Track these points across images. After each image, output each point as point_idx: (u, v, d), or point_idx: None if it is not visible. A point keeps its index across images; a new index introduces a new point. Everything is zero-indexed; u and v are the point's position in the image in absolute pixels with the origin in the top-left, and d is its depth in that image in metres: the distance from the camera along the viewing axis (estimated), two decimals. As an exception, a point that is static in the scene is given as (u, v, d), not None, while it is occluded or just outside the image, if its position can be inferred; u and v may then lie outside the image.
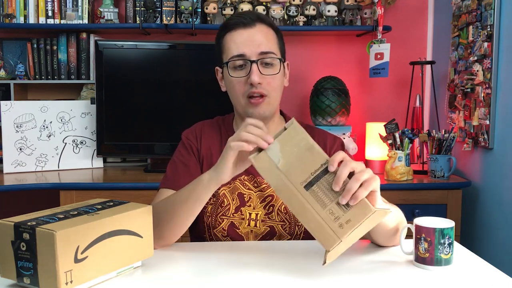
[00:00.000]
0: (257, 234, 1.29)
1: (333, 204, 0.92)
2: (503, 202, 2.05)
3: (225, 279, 1.00)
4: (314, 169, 0.93)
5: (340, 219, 0.91)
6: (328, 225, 0.92)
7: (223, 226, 1.28)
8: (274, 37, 1.27)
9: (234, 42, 1.24)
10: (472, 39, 2.22)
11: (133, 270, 1.04)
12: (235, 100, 1.28)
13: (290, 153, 0.96)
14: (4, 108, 2.37)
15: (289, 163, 0.95)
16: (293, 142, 0.96)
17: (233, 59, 1.23)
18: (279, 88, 1.27)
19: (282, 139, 0.97)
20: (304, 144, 0.95)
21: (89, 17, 2.56)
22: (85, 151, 2.55)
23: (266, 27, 1.26)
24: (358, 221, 0.91)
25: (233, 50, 1.23)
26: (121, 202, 1.06)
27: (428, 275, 1.02)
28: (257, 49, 1.22)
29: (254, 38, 1.23)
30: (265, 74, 1.23)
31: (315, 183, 0.93)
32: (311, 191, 0.93)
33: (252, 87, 1.22)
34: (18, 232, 0.89)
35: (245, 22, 1.23)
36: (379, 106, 2.79)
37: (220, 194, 1.29)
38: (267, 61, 1.23)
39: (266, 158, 0.97)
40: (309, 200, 0.93)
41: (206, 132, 1.35)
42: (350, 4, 2.57)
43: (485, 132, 2.13)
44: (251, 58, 1.22)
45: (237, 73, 1.24)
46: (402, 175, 2.22)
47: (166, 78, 2.47)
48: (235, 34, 1.24)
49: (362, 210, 0.91)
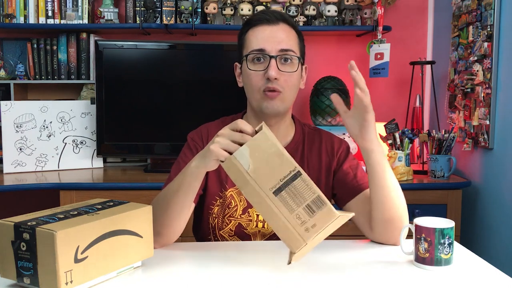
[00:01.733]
0: (265, 234, 1.30)
1: (300, 209, 0.96)
2: (503, 202, 2.05)
3: (225, 279, 1.00)
4: (283, 175, 0.95)
5: (307, 224, 0.96)
6: (294, 229, 0.97)
7: (230, 227, 1.29)
8: (295, 37, 1.28)
9: (256, 37, 1.25)
10: (472, 39, 2.22)
11: (133, 270, 1.04)
12: (250, 93, 1.28)
13: (259, 158, 0.96)
14: (4, 108, 2.37)
15: (259, 169, 0.96)
16: (262, 148, 0.96)
17: (253, 53, 1.24)
18: (295, 87, 1.27)
19: (251, 144, 0.97)
20: (274, 150, 0.95)
21: (89, 17, 2.56)
22: (85, 151, 2.55)
23: (289, 27, 1.27)
24: (323, 225, 0.96)
25: (254, 44, 1.24)
26: (121, 202, 1.06)
27: (428, 275, 1.02)
28: (277, 45, 1.23)
29: (275, 34, 1.24)
30: (283, 71, 1.23)
31: (284, 189, 0.96)
32: (279, 196, 0.96)
33: (268, 81, 1.22)
34: (18, 232, 0.89)
35: (268, 19, 1.25)
36: (379, 106, 2.78)
37: (227, 196, 1.29)
38: (286, 58, 1.24)
39: (236, 162, 0.97)
40: (277, 205, 0.96)
41: (212, 133, 1.33)
42: (350, 4, 2.57)
43: (485, 132, 2.13)
44: (270, 53, 1.22)
45: (255, 67, 1.24)
46: (402, 175, 2.22)
47: (166, 78, 2.47)
48: (258, 30, 1.25)
49: (327, 215, 0.95)
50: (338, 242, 1.24)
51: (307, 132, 1.37)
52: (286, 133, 1.34)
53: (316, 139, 1.36)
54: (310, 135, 1.37)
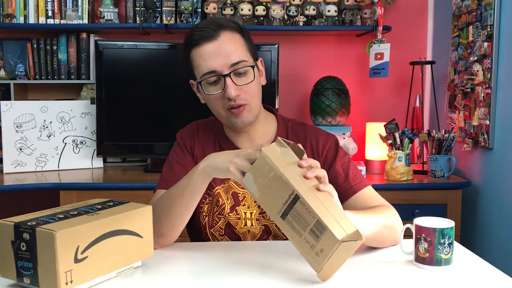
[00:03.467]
0: (255, 234, 1.29)
1: (306, 234, 0.92)
2: (503, 202, 2.05)
3: (225, 279, 1.00)
4: (285, 199, 0.93)
5: (315, 248, 0.91)
6: (307, 253, 0.93)
7: (220, 225, 1.29)
8: (241, 41, 1.22)
9: (203, 59, 1.19)
10: (472, 39, 2.22)
11: (133, 270, 1.04)
12: (216, 113, 1.27)
13: (263, 184, 0.95)
14: (4, 108, 2.37)
15: (264, 194, 0.95)
16: (263, 173, 0.94)
17: (206, 77, 1.20)
18: (257, 93, 1.24)
19: (254, 170, 0.96)
20: (272, 175, 0.93)
21: (89, 17, 2.56)
22: (85, 151, 2.55)
23: (231, 33, 1.21)
24: (330, 251, 0.89)
25: (203, 67, 1.19)
26: (121, 202, 1.06)
27: (428, 275, 1.02)
28: (227, 61, 1.18)
29: (221, 50, 1.18)
30: (240, 85, 1.20)
31: (288, 213, 0.93)
32: (286, 220, 0.93)
33: (230, 100, 1.19)
34: (18, 232, 0.89)
35: (208, 36, 1.19)
36: (379, 106, 2.79)
37: (215, 193, 1.29)
38: (240, 71, 1.19)
39: (247, 188, 0.97)
40: (287, 229, 0.94)
41: (200, 132, 1.35)
42: (350, 4, 2.57)
43: (485, 132, 2.13)
44: (223, 73, 1.18)
45: (212, 89, 1.21)
46: (402, 175, 2.22)
47: (166, 78, 2.47)
48: (201, 50, 1.20)
49: (330, 240, 0.89)
50: (338, 242, 1.24)
51: (290, 127, 1.33)
52: (264, 132, 1.31)
53: (301, 134, 1.31)
54: (294, 130, 1.33)
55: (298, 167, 0.95)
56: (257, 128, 1.30)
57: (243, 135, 1.30)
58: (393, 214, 1.18)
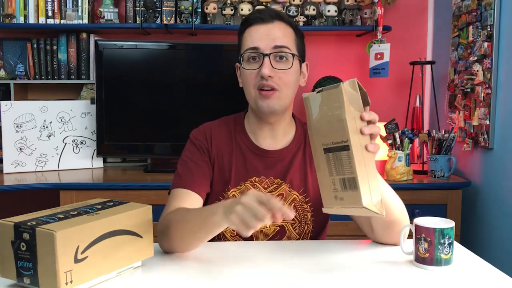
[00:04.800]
0: (267, 234, 1.29)
1: (338, 178, 0.95)
2: (503, 202, 2.05)
3: (226, 279, 1.00)
4: (336, 140, 0.95)
5: (337, 193, 0.96)
6: (326, 190, 0.98)
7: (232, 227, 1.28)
8: (291, 34, 1.27)
9: (251, 36, 1.25)
10: (472, 39, 2.22)
11: (133, 270, 1.04)
12: (247, 92, 1.28)
13: (324, 112, 0.97)
14: (4, 108, 2.37)
15: (320, 121, 0.98)
16: (330, 105, 0.96)
17: (247, 52, 1.24)
18: (291, 84, 1.26)
19: (325, 96, 0.97)
20: (338, 113, 0.94)
21: (89, 17, 2.56)
22: (85, 151, 2.55)
23: (285, 24, 1.26)
24: (348, 204, 0.95)
25: (249, 43, 1.25)
26: (121, 202, 1.06)
27: (428, 275, 1.02)
28: (271, 43, 1.22)
29: (270, 32, 1.23)
30: (277, 68, 1.23)
31: (332, 152, 0.96)
32: (326, 156, 0.97)
33: (262, 79, 1.22)
34: (18, 232, 0.89)
35: (263, 18, 1.24)
36: (379, 106, 2.78)
37: (230, 196, 1.28)
38: (280, 55, 1.23)
39: (308, 104, 1.00)
40: (321, 161, 0.98)
41: (215, 133, 1.34)
42: (350, 4, 2.57)
43: (485, 132, 2.13)
44: (264, 51, 1.22)
45: (250, 66, 1.25)
46: (402, 175, 2.22)
47: (166, 78, 2.47)
48: (253, 29, 1.25)
49: (355, 199, 0.93)
50: (338, 242, 1.24)
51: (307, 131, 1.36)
52: (286, 132, 1.33)
53: None
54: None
55: (360, 118, 0.96)
56: (282, 125, 1.31)
57: (267, 128, 1.30)
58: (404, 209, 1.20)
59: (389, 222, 1.16)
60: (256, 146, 1.31)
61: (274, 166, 1.30)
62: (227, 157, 1.31)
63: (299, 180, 1.30)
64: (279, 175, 1.30)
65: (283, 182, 1.29)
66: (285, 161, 1.31)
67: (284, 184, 1.29)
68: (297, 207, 1.28)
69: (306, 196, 1.30)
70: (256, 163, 1.30)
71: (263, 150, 1.31)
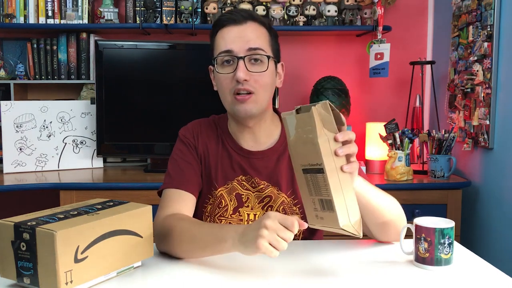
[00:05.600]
0: None
1: (317, 198, 0.97)
2: (503, 202, 2.05)
3: (226, 279, 1.00)
4: (312, 163, 0.96)
5: (317, 212, 0.97)
6: (308, 207, 1.00)
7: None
8: (265, 35, 1.24)
9: (223, 38, 1.22)
10: (472, 39, 2.22)
11: (133, 270, 1.04)
12: (222, 97, 1.26)
13: (300, 135, 0.98)
14: (4, 108, 2.37)
15: (296, 143, 0.99)
16: (304, 128, 0.97)
17: (221, 55, 1.22)
18: (268, 86, 1.23)
19: (298, 118, 0.98)
20: (311, 136, 0.95)
21: (89, 17, 2.56)
22: (85, 151, 2.55)
23: (258, 25, 1.23)
24: (327, 224, 0.96)
25: (221, 46, 1.22)
26: (121, 202, 1.06)
27: (428, 275, 1.02)
28: (245, 45, 1.19)
29: (243, 34, 1.21)
30: (252, 71, 1.20)
31: (309, 173, 0.97)
32: (305, 176, 0.98)
33: (238, 83, 1.19)
34: (18, 232, 0.89)
35: (235, 19, 1.22)
36: (379, 106, 2.79)
37: (217, 195, 1.28)
38: (255, 58, 1.20)
39: (286, 124, 1.01)
40: (302, 182, 0.99)
41: (203, 131, 1.33)
42: (350, 4, 2.57)
43: (485, 132, 2.13)
44: (238, 54, 1.19)
45: (224, 69, 1.22)
46: (402, 175, 2.22)
47: (166, 78, 2.47)
48: (225, 31, 1.23)
49: (333, 220, 0.95)
50: (338, 242, 1.24)
51: None
52: (269, 132, 1.31)
53: None
54: None
55: (334, 139, 0.96)
56: (262, 127, 1.29)
57: (247, 132, 1.29)
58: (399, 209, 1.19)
59: (382, 224, 1.16)
60: (240, 147, 1.30)
61: (260, 167, 1.28)
62: (214, 156, 1.30)
63: (286, 182, 1.28)
64: (266, 177, 1.28)
65: (270, 185, 1.28)
66: (270, 162, 1.29)
67: (271, 186, 1.28)
68: (286, 209, 1.27)
69: (295, 198, 1.28)
70: (242, 162, 1.28)
71: (246, 151, 1.29)
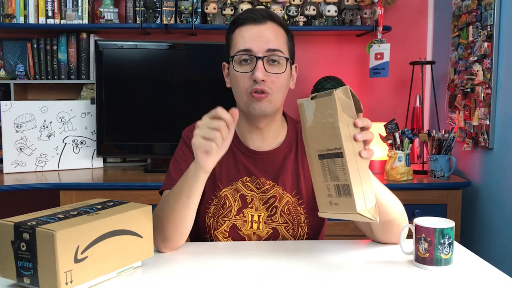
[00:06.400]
0: (260, 237, 1.28)
1: (332, 184, 0.97)
2: (503, 202, 2.05)
3: (226, 279, 1.00)
4: (330, 147, 0.96)
5: (332, 198, 0.98)
6: (321, 194, 1.00)
7: (224, 228, 1.28)
8: (284, 36, 1.25)
9: (242, 37, 1.22)
10: (472, 39, 2.22)
11: (133, 270, 1.04)
12: (237, 95, 1.26)
13: (319, 119, 0.98)
14: (4, 108, 2.37)
15: (314, 128, 0.99)
16: (324, 112, 0.97)
17: (240, 53, 1.21)
18: (283, 88, 1.24)
19: (318, 103, 0.98)
20: (331, 120, 0.95)
21: (89, 17, 2.56)
22: (85, 151, 2.55)
23: (277, 25, 1.24)
24: (343, 210, 0.97)
25: (240, 44, 1.22)
26: (121, 202, 1.06)
27: (428, 275, 1.02)
28: (264, 45, 1.20)
29: (262, 34, 1.21)
30: (270, 72, 1.21)
31: (326, 158, 0.97)
32: (321, 162, 0.98)
33: (255, 83, 1.20)
34: (18, 232, 0.89)
35: (255, 18, 1.22)
36: (379, 106, 2.79)
37: (222, 196, 1.28)
38: (273, 59, 1.21)
39: (303, 110, 1.01)
40: (316, 167, 0.99)
41: None
42: (350, 4, 2.57)
43: (485, 132, 2.13)
44: (257, 54, 1.20)
45: (242, 68, 1.22)
46: (402, 175, 2.22)
47: (166, 78, 2.47)
48: (244, 29, 1.22)
49: (349, 206, 0.95)
50: (337, 242, 1.24)
51: (300, 130, 1.33)
52: (277, 133, 1.32)
53: None
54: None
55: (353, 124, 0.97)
56: (272, 128, 1.30)
57: (257, 132, 1.29)
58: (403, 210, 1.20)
59: (387, 222, 1.16)
60: (246, 147, 1.30)
61: (265, 167, 1.29)
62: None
63: (291, 182, 1.29)
64: (271, 177, 1.28)
65: (276, 185, 1.28)
66: (276, 162, 1.29)
67: (276, 186, 1.28)
68: (290, 209, 1.28)
69: (299, 198, 1.28)
70: (247, 163, 1.29)
71: (253, 151, 1.30)
